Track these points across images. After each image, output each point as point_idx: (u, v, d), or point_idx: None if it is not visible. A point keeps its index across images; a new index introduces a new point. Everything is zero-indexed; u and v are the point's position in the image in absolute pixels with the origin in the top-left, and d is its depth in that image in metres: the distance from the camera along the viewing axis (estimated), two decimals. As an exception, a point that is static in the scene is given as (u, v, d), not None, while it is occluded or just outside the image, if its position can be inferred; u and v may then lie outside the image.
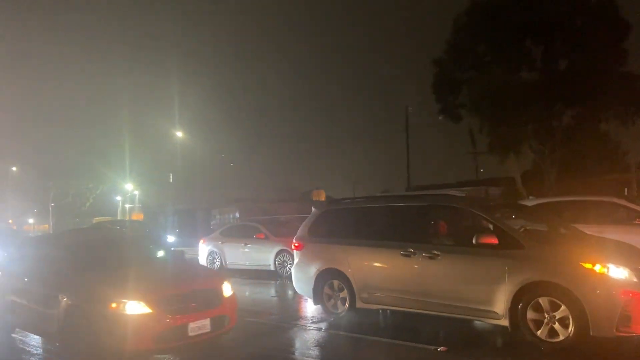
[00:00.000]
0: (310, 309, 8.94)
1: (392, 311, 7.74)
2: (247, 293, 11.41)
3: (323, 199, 37.24)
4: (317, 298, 8.01)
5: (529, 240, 6.15)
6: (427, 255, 6.74)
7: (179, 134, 38.41)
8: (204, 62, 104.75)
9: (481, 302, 6.26)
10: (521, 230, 6.67)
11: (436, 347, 6.11)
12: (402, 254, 6.97)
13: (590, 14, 20.36)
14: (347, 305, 7.67)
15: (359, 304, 7.53)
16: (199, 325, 5.83)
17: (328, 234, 8.14)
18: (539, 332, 5.80)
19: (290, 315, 8.85)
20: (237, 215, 29.13)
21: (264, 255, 14.49)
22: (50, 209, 45.23)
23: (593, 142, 22.28)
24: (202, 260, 15.92)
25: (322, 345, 6.71)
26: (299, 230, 8.58)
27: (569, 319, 5.59)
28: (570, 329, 5.58)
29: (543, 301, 5.79)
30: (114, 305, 5.52)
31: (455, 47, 22.47)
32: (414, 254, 6.86)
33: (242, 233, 15.55)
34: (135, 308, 5.52)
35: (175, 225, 35.44)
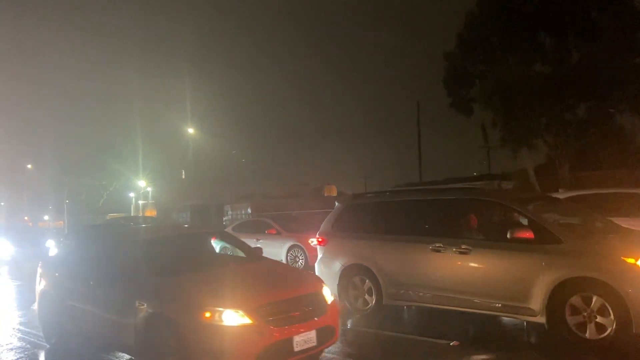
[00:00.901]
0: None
1: (416, 307, 7.57)
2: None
3: (334, 194, 37.10)
4: (342, 294, 7.84)
5: (566, 235, 5.93)
6: (457, 250, 6.55)
7: (191, 130, 38.41)
8: (215, 59, 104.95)
9: (516, 299, 6.06)
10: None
11: (449, 342, 6.03)
12: (431, 249, 6.79)
13: (603, 5, 20.09)
14: (373, 301, 7.50)
15: (386, 301, 7.35)
16: (305, 339, 4.92)
17: (353, 228, 7.95)
18: (578, 330, 5.60)
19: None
20: (249, 211, 29.12)
21: (275, 251, 14.41)
22: (65, 205, 45.29)
23: (607, 135, 22.04)
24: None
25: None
26: (322, 225, 8.38)
27: (610, 315, 5.39)
28: (611, 326, 5.38)
29: (583, 298, 5.57)
30: (207, 314, 4.65)
31: (467, 41, 22.23)
32: (444, 249, 6.67)
33: (254, 229, 15.64)
34: (233, 318, 4.65)
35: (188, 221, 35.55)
